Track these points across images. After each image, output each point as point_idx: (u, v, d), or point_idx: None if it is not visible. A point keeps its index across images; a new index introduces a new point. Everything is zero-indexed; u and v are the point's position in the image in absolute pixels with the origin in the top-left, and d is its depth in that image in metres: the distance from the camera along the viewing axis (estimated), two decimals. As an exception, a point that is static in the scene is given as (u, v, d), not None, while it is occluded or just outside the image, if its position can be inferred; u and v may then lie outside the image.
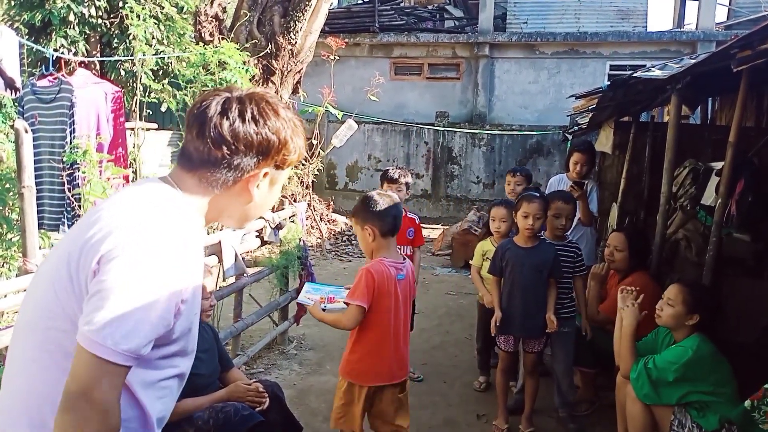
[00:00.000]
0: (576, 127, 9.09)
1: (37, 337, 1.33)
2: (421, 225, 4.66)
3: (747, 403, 2.64)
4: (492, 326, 3.72)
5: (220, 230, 5.31)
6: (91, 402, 1.19)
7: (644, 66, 4.92)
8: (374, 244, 2.87)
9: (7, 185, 4.59)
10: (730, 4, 14.31)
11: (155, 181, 1.44)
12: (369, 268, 2.80)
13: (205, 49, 6.87)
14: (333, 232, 10.23)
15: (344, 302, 2.84)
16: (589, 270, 4.03)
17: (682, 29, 14.36)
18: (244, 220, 1.55)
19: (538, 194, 3.81)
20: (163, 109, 7.11)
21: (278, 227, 4.71)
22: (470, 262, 4.20)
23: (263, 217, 4.55)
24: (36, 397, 1.32)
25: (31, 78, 5.65)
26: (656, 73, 3.95)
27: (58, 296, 1.30)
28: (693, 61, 3.73)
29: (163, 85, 6.97)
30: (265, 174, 1.45)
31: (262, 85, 8.26)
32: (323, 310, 2.88)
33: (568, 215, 3.81)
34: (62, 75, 5.29)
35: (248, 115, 1.40)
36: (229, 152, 1.39)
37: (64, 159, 5.07)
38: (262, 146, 1.41)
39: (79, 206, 5.02)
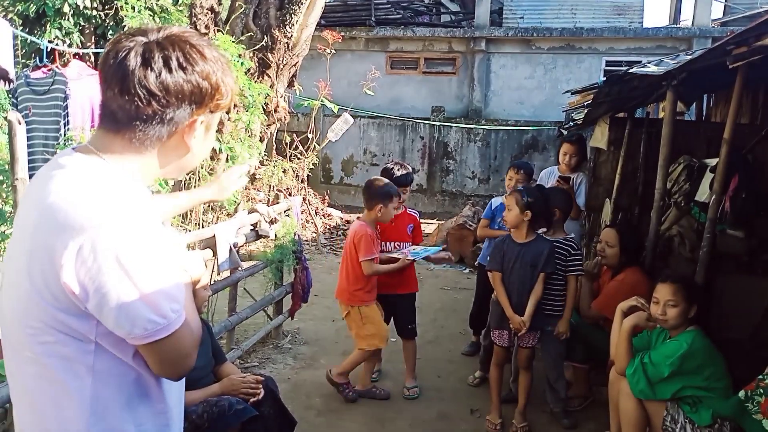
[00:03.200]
0: (571, 123, 9.09)
1: (27, 355, 1.28)
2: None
3: (741, 393, 2.68)
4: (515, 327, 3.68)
5: (215, 223, 5.30)
6: (189, 359, 1.35)
7: (640, 62, 4.92)
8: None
9: (1, 177, 4.56)
10: (726, 1, 14.33)
11: (73, 155, 1.30)
12: None
13: (201, 41, 6.83)
14: (328, 227, 10.23)
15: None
16: None
17: (678, 25, 14.37)
18: (183, 171, 1.47)
19: (524, 190, 3.82)
20: (158, 101, 7.07)
21: (273, 221, 4.70)
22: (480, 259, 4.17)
23: (258, 211, 4.54)
24: (60, 409, 1.29)
25: (25, 69, 5.61)
26: (652, 69, 3.95)
27: (31, 312, 1.25)
28: (689, 57, 3.73)
29: (157, 77, 6.92)
30: (201, 122, 1.35)
31: (258, 79, 8.23)
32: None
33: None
34: (56, 67, 5.27)
35: (174, 63, 1.27)
36: (159, 107, 1.27)
37: (58, 151, 5.05)
38: (195, 94, 1.30)
39: (73, 199, 4.99)
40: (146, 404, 1.35)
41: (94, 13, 7.19)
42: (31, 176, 3.80)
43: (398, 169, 4.38)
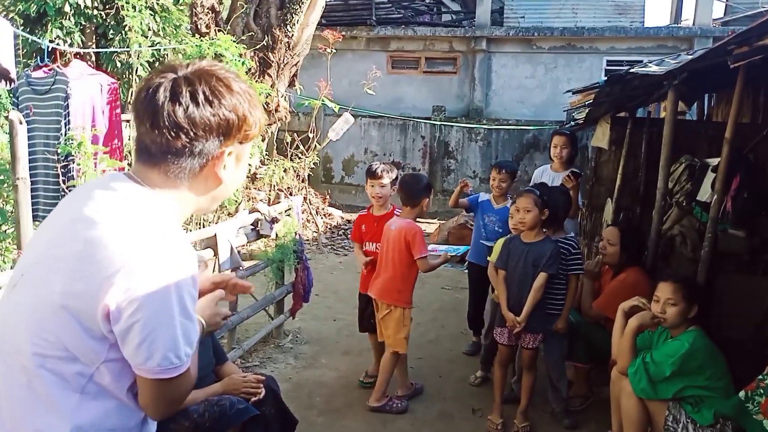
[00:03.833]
0: (573, 122, 9.08)
1: (22, 361, 1.30)
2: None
3: (741, 394, 2.68)
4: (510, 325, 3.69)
5: (216, 223, 5.30)
6: (179, 404, 1.41)
7: (641, 62, 4.92)
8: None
9: (2, 177, 4.57)
10: (727, 1, 14.32)
11: (126, 183, 1.37)
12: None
13: (202, 41, 6.85)
14: (329, 226, 10.23)
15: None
16: None
17: (679, 25, 14.36)
18: (216, 202, 1.52)
19: (535, 190, 3.82)
20: (159, 101, 7.07)
21: (274, 221, 4.71)
22: (488, 258, 4.16)
23: (259, 210, 4.54)
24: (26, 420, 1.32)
25: (26, 69, 5.61)
26: (653, 69, 3.94)
27: (47, 325, 1.28)
28: (690, 57, 3.73)
29: (159, 77, 6.93)
30: (230, 153, 1.40)
31: (259, 78, 8.23)
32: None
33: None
34: (57, 66, 5.26)
35: (201, 97, 1.32)
36: (188, 140, 1.32)
37: (59, 151, 5.05)
38: (222, 127, 1.35)
39: (74, 198, 4.99)
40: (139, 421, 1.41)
41: (95, 12, 7.19)
42: (32, 175, 3.80)
43: (374, 165, 4.22)
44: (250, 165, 8.06)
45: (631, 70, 4.12)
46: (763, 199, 4.16)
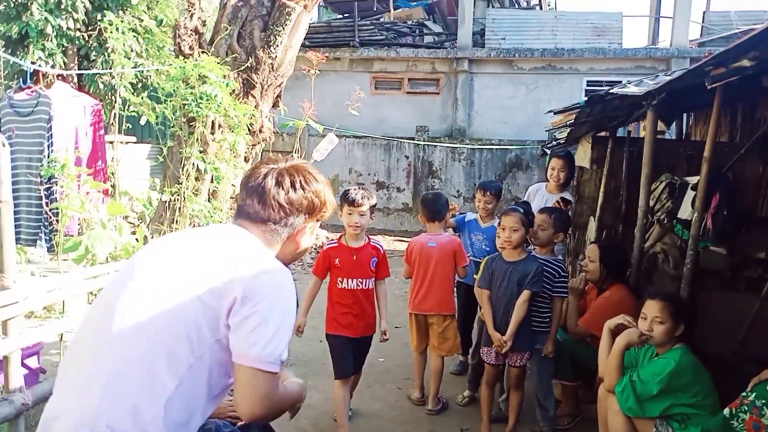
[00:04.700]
0: (554, 142, 9.19)
1: (147, 336, 1.59)
2: (386, 253, 4.08)
3: (726, 411, 2.70)
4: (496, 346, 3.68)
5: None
6: (274, 402, 1.68)
7: (620, 82, 5.01)
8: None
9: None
10: (703, 22, 14.62)
11: (243, 228, 1.83)
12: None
13: (185, 62, 6.85)
14: (314, 246, 10.20)
15: None
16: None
17: (656, 46, 14.63)
18: (290, 261, 1.96)
19: (520, 209, 3.85)
20: (143, 122, 7.07)
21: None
22: (474, 276, 4.17)
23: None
24: (133, 388, 1.56)
25: (8, 91, 5.58)
26: (632, 89, 4.02)
27: (184, 313, 1.61)
28: (668, 77, 3.80)
29: (142, 98, 6.93)
30: (310, 227, 1.92)
31: (242, 99, 8.23)
32: None
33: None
34: (40, 88, 5.25)
35: (297, 184, 1.83)
36: (285, 215, 1.83)
37: (42, 173, 5.01)
38: (309, 207, 1.86)
39: (57, 220, 4.96)
40: (199, 421, 1.74)
41: (78, 34, 7.19)
42: (14, 198, 3.75)
43: (353, 191, 3.78)
44: (234, 186, 8.04)
45: (611, 91, 4.19)
46: (742, 217, 4.23)
